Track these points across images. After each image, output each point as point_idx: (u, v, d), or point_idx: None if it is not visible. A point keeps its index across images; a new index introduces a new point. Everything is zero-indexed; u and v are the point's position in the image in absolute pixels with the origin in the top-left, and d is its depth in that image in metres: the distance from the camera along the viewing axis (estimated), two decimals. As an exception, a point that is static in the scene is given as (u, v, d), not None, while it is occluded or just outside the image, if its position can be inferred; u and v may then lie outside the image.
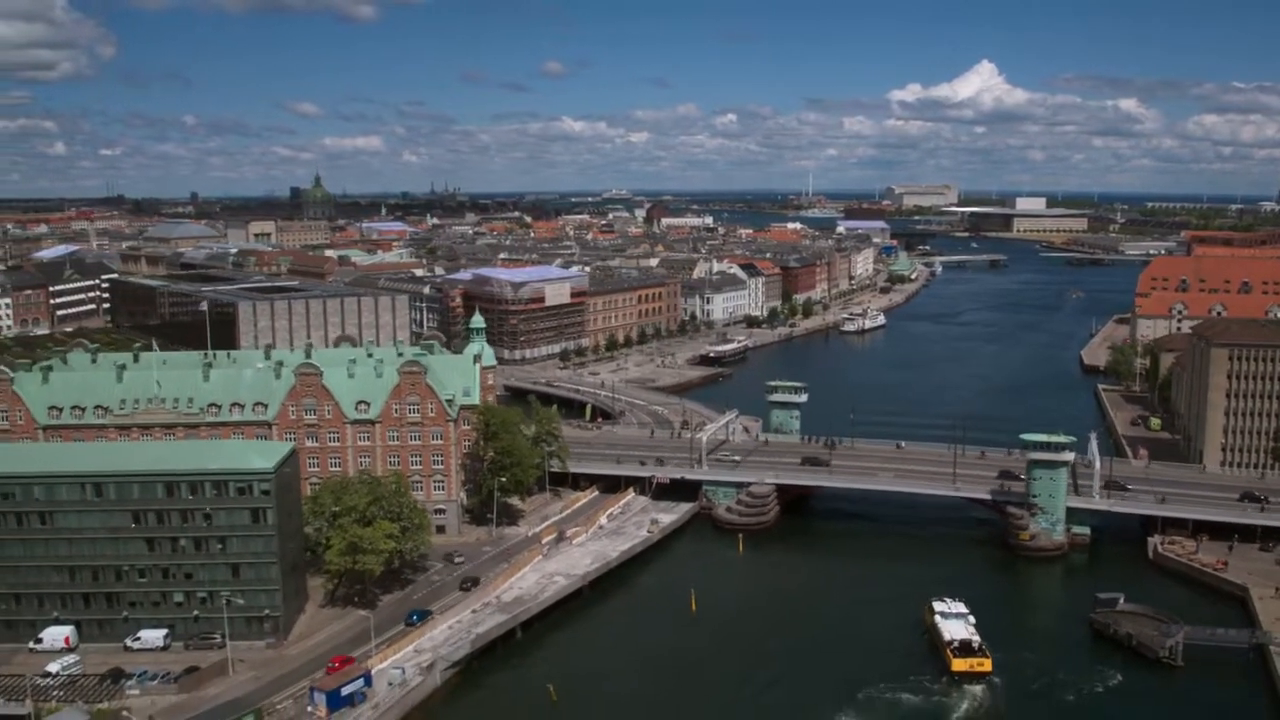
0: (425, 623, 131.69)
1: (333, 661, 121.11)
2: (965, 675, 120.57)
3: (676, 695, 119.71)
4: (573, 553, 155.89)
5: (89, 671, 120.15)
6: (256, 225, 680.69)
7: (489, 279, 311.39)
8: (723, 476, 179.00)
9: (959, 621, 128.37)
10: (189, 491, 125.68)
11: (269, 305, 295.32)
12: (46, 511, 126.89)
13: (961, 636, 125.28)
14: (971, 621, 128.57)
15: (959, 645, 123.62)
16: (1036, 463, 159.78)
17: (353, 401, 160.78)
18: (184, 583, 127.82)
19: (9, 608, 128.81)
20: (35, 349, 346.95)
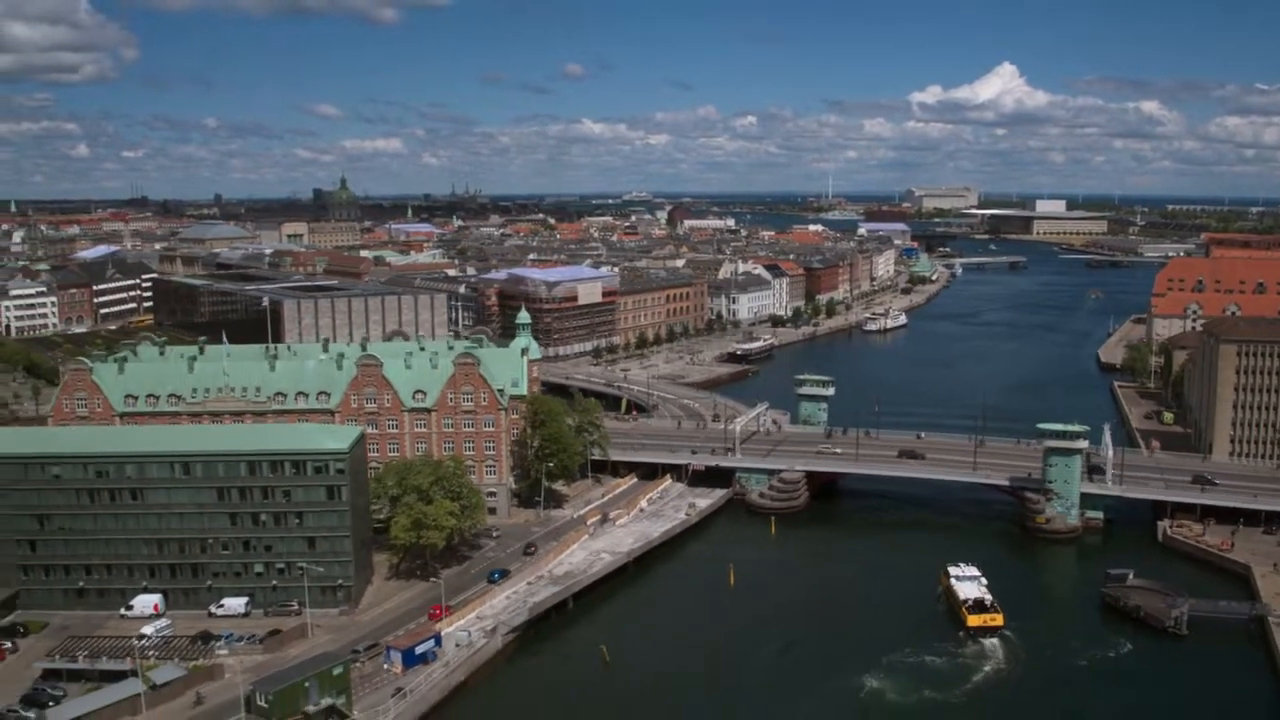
0: (505, 579, 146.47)
1: (434, 609, 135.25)
2: (979, 629, 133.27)
3: (719, 657, 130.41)
4: (616, 533, 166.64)
5: (179, 634, 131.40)
6: (289, 226, 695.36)
7: (524, 278, 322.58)
8: (755, 464, 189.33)
9: (972, 583, 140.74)
10: (270, 470, 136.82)
11: (313, 303, 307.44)
12: (138, 488, 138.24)
13: (975, 595, 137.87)
14: (984, 583, 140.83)
15: (973, 603, 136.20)
16: (1052, 450, 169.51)
17: (410, 391, 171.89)
18: (263, 554, 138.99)
19: (102, 577, 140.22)
20: (84, 345, 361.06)
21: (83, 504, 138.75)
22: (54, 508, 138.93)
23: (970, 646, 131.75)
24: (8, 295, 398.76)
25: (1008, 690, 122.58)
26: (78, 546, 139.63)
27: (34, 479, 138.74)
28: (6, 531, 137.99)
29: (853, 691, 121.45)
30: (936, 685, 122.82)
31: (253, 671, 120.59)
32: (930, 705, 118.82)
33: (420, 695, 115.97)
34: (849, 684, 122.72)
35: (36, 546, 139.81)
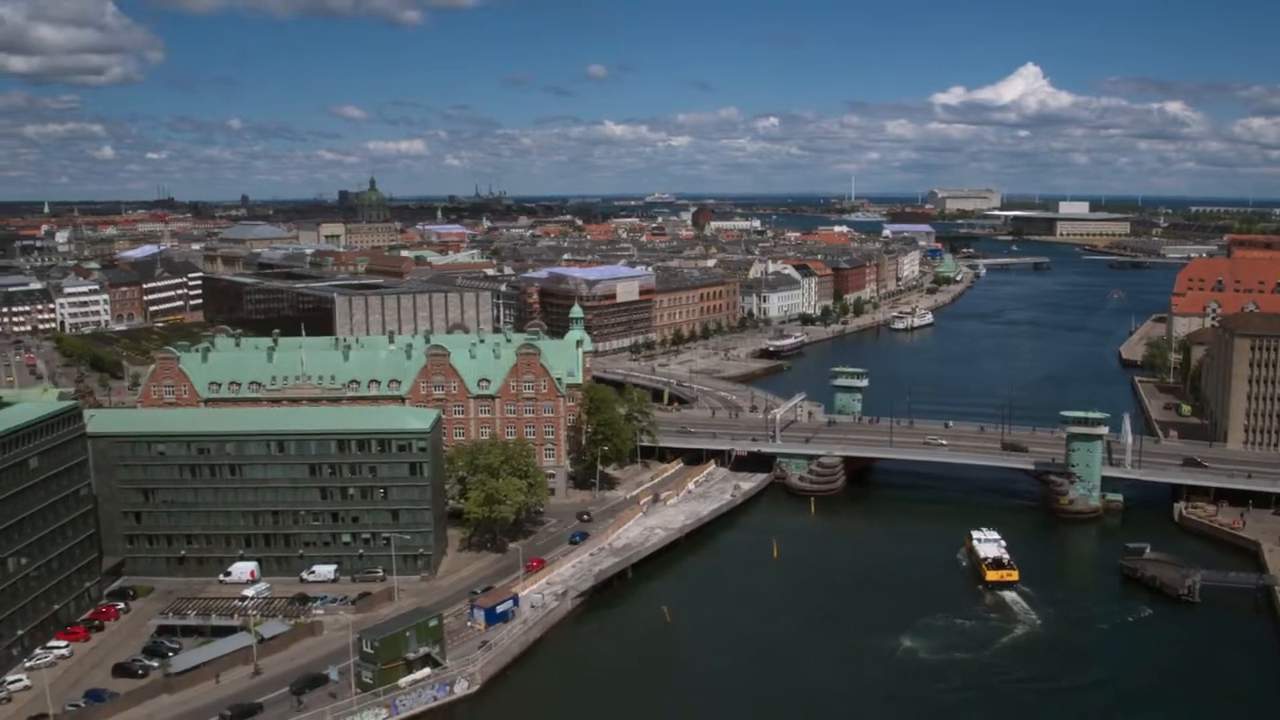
0: (585, 542, 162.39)
1: (530, 561, 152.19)
2: (996, 583, 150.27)
3: (767, 620, 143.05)
4: (667, 511, 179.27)
5: (278, 597, 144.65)
6: (327, 227, 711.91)
7: (565, 277, 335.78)
8: (795, 449, 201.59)
9: (992, 544, 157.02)
10: (358, 448, 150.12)
11: (363, 300, 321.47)
12: (236, 464, 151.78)
13: (994, 555, 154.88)
14: (1003, 544, 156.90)
15: (992, 560, 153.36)
16: (1075, 436, 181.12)
17: (475, 379, 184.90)
18: (351, 525, 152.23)
19: (201, 546, 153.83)
20: (139, 340, 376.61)
21: (185, 479, 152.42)
22: (158, 482, 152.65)
23: (996, 612, 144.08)
24: (62, 293, 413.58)
25: (1034, 650, 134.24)
26: (180, 518, 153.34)
27: (140, 456, 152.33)
28: (115, 504, 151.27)
29: (889, 650, 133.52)
30: (967, 646, 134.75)
31: (348, 629, 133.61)
32: (961, 664, 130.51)
33: (503, 648, 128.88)
34: (885, 644, 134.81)
35: (142, 518, 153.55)
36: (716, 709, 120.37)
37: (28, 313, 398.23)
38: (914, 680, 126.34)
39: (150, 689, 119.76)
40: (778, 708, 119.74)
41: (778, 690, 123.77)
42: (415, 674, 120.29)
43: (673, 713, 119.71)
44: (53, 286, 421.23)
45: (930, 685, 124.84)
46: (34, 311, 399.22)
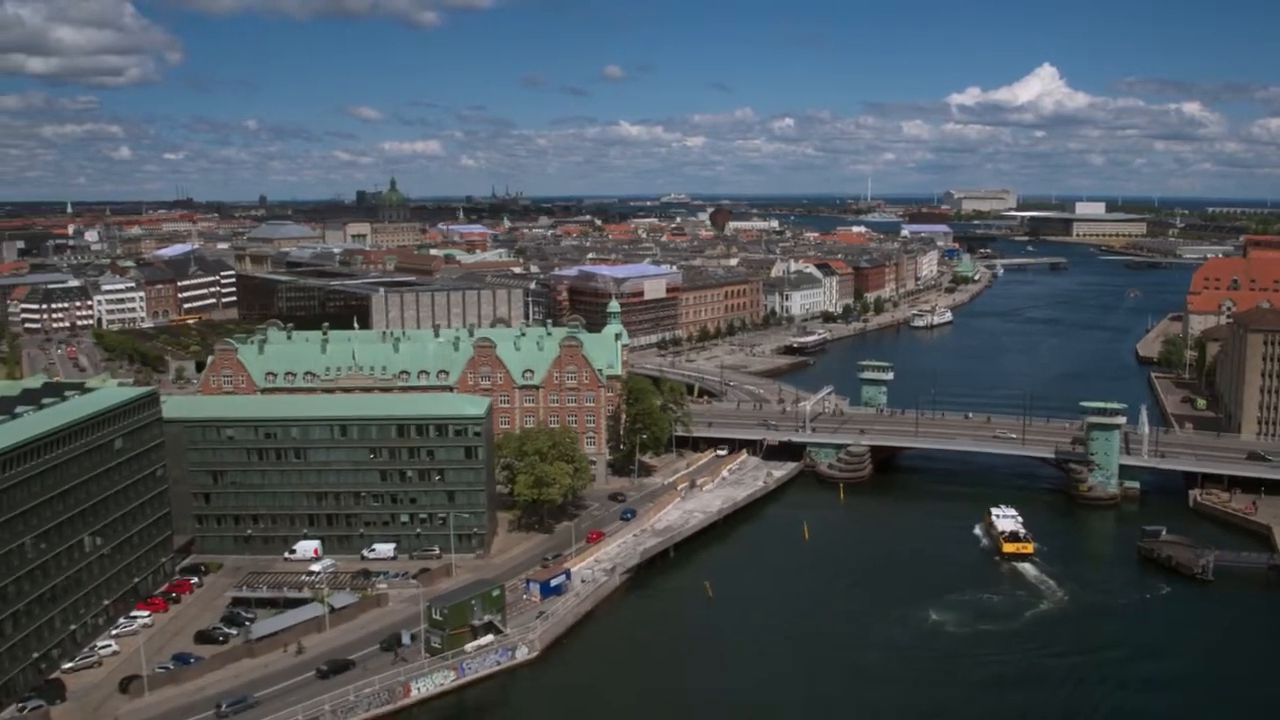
0: (634, 520, 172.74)
1: (591, 534, 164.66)
2: (1013, 555, 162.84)
3: (802, 596, 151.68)
4: (704, 496, 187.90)
5: (342, 572, 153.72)
6: (353, 227, 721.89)
7: (594, 275, 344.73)
8: (824, 439, 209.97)
9: (1010, 520, 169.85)
10: (416, 432, 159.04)
11: (399, 296, 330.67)
12: (301, 448, 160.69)
13: (1011, 529, 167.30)
14: (1020, 520, 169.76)
15: (1009, 534, 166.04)
16: (1094, 425, 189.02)
17: (520, 370, 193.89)
18: (409, 506, 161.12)
19: (267, 526, 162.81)
20: (179, 336, 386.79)
21: (252, 462, 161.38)
22: (226, 465, 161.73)
23: (1021, 589, 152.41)
24: (100, 290, 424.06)
25: (1057, 623, 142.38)
26: (246, 499, 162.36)
27: (210, 440, 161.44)
28: (185, 486, 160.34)
29: (918, 622, 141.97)
30: (992, 619, 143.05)
31: (410, 601, 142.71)
32: (988, 635, 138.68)
33: (558, 618, 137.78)
34: (914, 616, 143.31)
35: (210, 499, 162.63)
36: (760, 675, 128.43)
37: (66, 309, 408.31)
38: (944, 650, 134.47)
39: (233, 654, 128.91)
40: (818, 675, 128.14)
41: (817, 659, 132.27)
42: (480, 640, 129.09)
43: (719, 679, 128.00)
44: (90, 284, 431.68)
45: (959, 654, 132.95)
46: (72, 308, 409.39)
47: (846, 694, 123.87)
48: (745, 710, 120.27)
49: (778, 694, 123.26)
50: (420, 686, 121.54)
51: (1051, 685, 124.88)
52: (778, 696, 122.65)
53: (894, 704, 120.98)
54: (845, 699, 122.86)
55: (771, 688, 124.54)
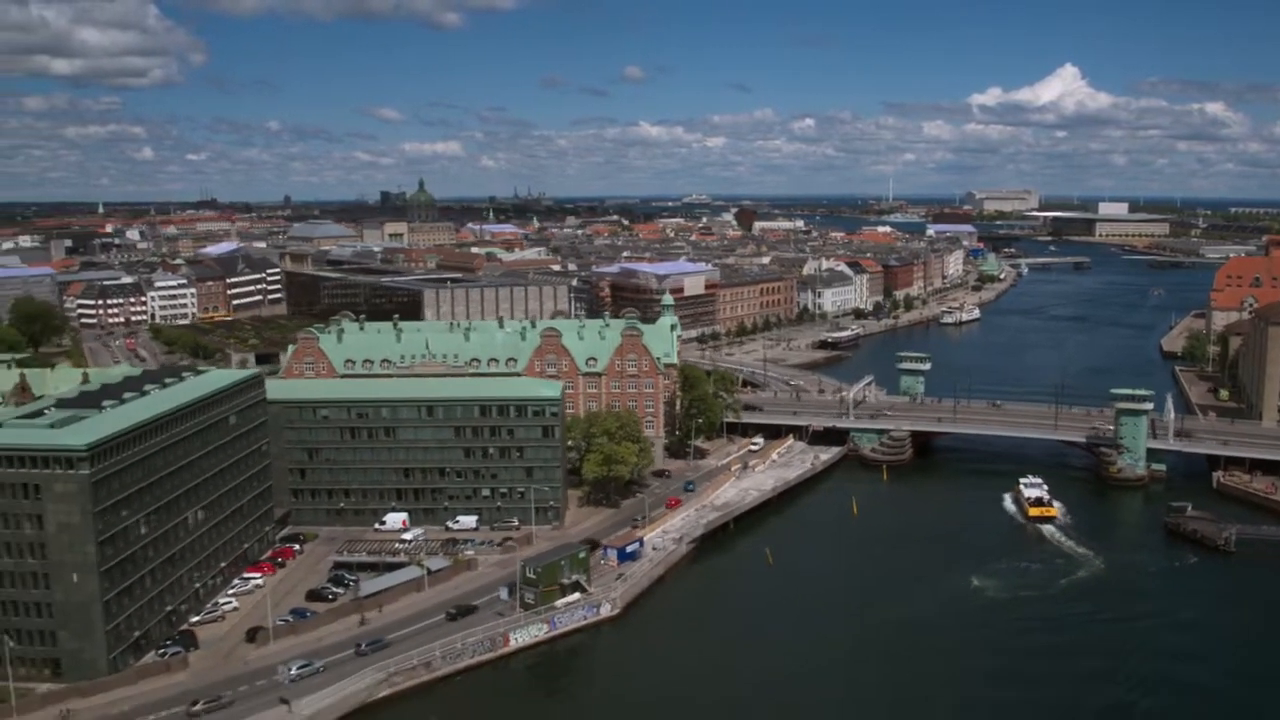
0: (695, 493, 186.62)
1: (669, 500, 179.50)
2: (1038, 518, 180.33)
3: (853, 564, 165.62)
4: (757, 477, 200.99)
5: (431, 540, 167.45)
6: (390, 226, 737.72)
7: (635, 272, 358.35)
8: (866, 425, 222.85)
9: (1035, 488, 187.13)
10: (497, 413, 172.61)
11: (449, 292, 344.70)
12: (391, 427, 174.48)
13: (1036, 495, 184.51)
14: (1045, 488, 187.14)
15: (1034, 500, 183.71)
16: (1123, 411, 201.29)
17: (584, 358, 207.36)
18: (490, 481, 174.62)
19: (358, 500, 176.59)
20: (232, 330, 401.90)
21: (344, 440, 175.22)
22: (321, 443, 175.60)
23: (1060, 558, 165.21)
24: (154, 287, 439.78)
25: (1091, 589, 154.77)
26: (339, 474, 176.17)
27: (306, 420, 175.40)
28: (283, 462, 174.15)
29: (961, 588, 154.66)
30: (1030, 586, 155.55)
31: (496, 566, 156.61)
32: (1026, 599, 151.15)
33: (634, 581, 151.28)
34: (958, 583, 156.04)
35: (306, 474, 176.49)
36: (820, 633, 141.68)
37: (121, 305, 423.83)
38: (987, 612, 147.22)
39: (343, 609, 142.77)
40: (870, 634, 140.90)
41: (868, 619, 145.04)
42: (568, 597, 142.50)
43: (780, 634, 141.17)
44: (144, 281, 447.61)
45: (1001, 616, 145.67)
46: (127, 304, 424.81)
47: (896, 650, 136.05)
48: (803, 662, 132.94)
49: (833, 651, 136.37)
50: (518, 637, 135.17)
51: (1088, 646, 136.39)
52: (833, 653, 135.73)
53: (940, 661, 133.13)
54: (894, 654, 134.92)
55: (827, 645, 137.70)
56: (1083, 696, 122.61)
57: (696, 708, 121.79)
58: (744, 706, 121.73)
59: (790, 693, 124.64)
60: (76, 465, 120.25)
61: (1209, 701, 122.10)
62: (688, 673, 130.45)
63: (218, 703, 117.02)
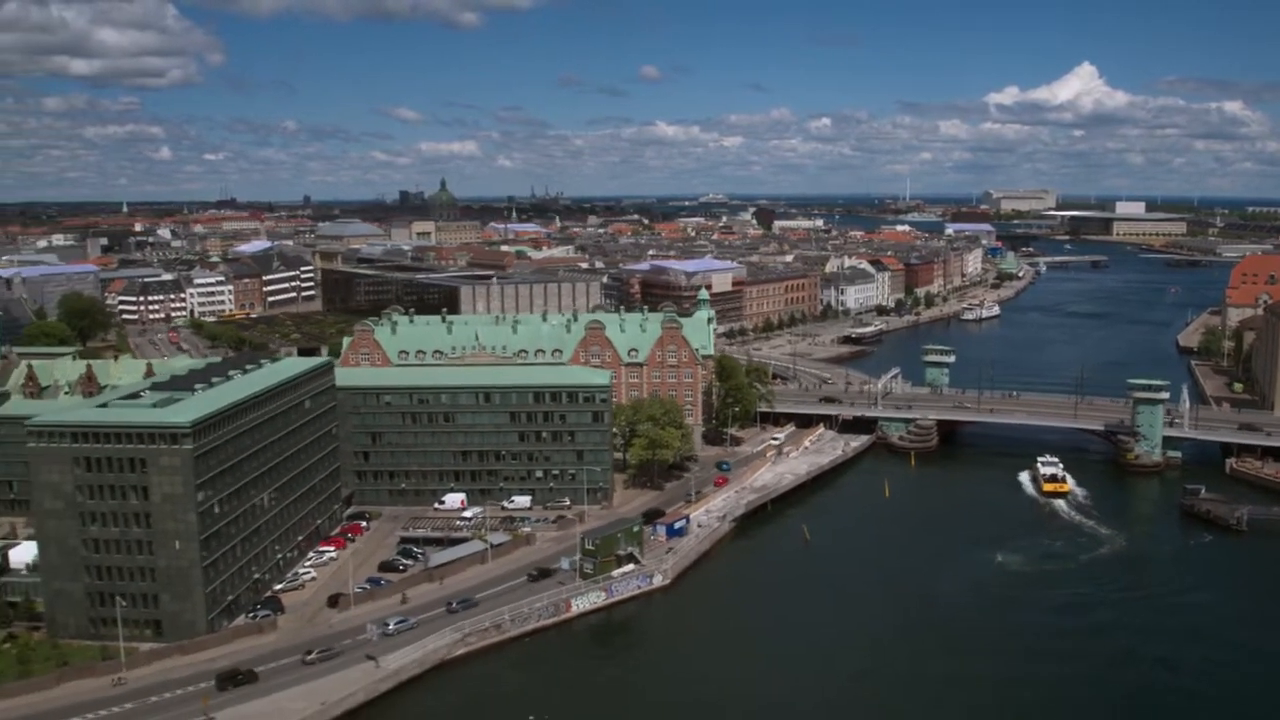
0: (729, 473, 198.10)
1: (718, 479, 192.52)
2: (1052, 493, 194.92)
3: (886, 540, 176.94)
4: (791, 462, 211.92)
5: (489, 518, 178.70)
6: (418, 225, 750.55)
7: (665, 269, 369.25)
8: (894, 414, 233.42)
9: (1051, 466, 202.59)
10: (551, 399, 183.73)
11: (485, 288, 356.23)
12: (450, 412, 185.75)
13: (1050, 472, 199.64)
14: (1060, 466, 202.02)
15: (1048, 476, 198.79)
16: (1139, 400, 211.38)
17: (626, 349, 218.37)
18: (543, 463, 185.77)
19: (418, 480, 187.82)
20: (274, 326, 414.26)
21: (406, 424, 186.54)
22: (384, 427, 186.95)
23: (1082, 535, 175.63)
24: (193, 283, 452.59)
25: (1110, 565, 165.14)
26: (401, 457, 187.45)
27: (370, 405, 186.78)
28: (348, 445, 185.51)
29: (987, 563, 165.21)
30: (1052, 561, 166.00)
31: (552, 541, 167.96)
32: (1049, 573, 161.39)
33: (683, 554, 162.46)
34: (984, 558, 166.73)
35: (369, 456, 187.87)
36: (855, 603, 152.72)
37: (161, 301, 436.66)
38: (1012, 585, 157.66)
39: (414, 578, 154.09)
40: (902, 604, 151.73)
41: (904, 591, 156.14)
42: (623, 568, 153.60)
43: (818, 604, 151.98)
44: (183, 278, 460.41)
45: (1025, 588, 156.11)
46: (167, 300, 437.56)
47: (925, 618, 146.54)
48: (839, 630, 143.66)
49: (868, 620, 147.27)
50: (578, 603, 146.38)
51: (1108, 616, 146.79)
52: (868, 622, 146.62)
53: (966, 629, 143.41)
54: (925, 623, 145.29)
55: (862, 614, 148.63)
56: (1103, 664, 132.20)
57: (742, 670, 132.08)
58: (785, 670, 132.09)
59: (828, 658, 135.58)
60: (180, 441, 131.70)
61: (1222, 667, 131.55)
62: (734, 638, 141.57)
63: (329, 652, 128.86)
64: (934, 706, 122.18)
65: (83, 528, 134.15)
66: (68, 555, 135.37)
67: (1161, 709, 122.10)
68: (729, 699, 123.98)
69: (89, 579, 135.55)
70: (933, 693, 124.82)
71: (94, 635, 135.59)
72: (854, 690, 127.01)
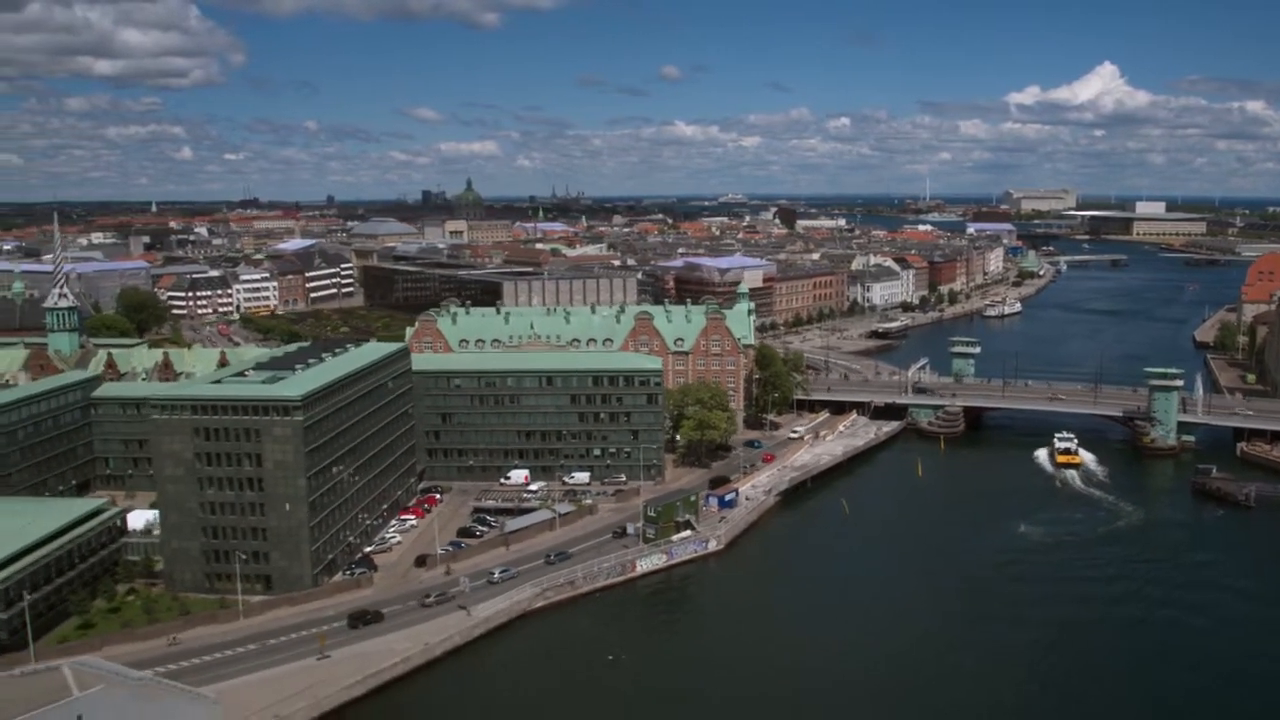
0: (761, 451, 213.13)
1: (765, 456, 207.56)
2: (1064, 465, 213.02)
3: (919, 514, 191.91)
4: (828, 444, 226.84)
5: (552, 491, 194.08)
6: (451, 224, 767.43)
7: (699, 265, 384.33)
8: (923, 401, 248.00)
9: (1066, 441, 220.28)
10: (608, 382, 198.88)
11: (526, 284, 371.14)
12: (515, 395, 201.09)
13: (1065, 446, 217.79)
14: (1074, 441, 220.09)
15: (1062, 449, 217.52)
16: (1155, 387, 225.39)
17: (672, 338, 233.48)
18: (601, 442, 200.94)
19: (484, 458, 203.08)
20: (321, 320, 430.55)
21: (474, 406, 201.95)
22: (453, 408, 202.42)
23: (1102, 509, 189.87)
24: (239, 280, 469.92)
25: (1126, 536, 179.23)
26: (469, 436, 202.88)
27: (440, 388, 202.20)
28: (420, 425, 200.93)
29: (1012, 533, 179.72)
30: (1071, 532, 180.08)
31: (612, 511, 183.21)
32: (1069, 543, 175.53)
33: (735, 522, 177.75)
34: (1009, 529, 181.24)
35: (440, 435, 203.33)
36: (888, 568, 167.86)
37: (209, 297, 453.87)
38: (1034, 553, 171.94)
39: (490, 543, 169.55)
40: (935, 569, 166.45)
41: (936, 556, 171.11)
42: (681, 533, 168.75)
43: (857, 568, 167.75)
44: (229, 274, 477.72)
45: (1047, 555, 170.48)
46: (214, 296, 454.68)
47: (953, 579, 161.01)
48: (876, 591, 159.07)
49: (903, 582, 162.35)
50: (642, 564, 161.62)
51: (1123, 576, 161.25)
52: (903, 584, 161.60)
53: (988, 587, 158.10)
54: (953, 583, 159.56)
55: (897, 578, 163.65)
56: (1118, 624, 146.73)
57: (788, 623, 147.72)
58: (826, 622, 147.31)
59: (866, 612, 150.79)
60: (292, 412, 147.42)
61: (1227, 625, 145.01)
62: (781, 597, 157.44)
63: (444, 596, 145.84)
64: (959, 649, 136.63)
65: (200, 492, 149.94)
66: (187, 517, 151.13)
67: (1176, 657, 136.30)
68: (777, 648, 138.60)
69: (205, 538, 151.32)
70: (956, 637, 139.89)
71: (208, 589, 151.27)
72: (886, 637, 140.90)
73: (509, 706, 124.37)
